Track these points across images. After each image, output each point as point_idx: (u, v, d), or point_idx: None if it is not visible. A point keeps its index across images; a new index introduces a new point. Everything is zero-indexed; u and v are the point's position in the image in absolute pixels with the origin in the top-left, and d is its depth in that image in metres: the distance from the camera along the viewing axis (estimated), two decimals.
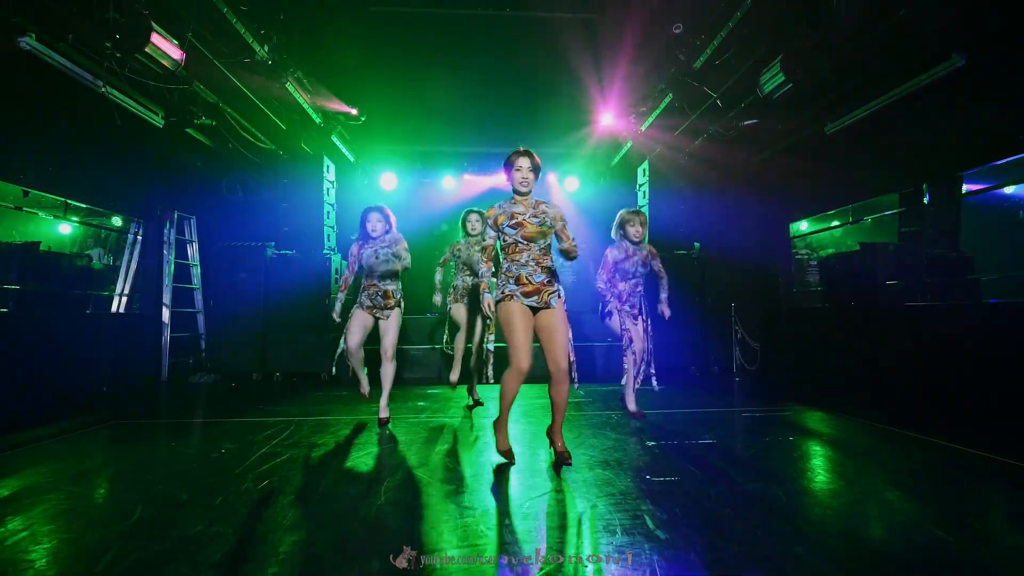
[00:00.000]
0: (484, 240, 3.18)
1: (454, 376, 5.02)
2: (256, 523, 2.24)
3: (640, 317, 4.30)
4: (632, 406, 4.25)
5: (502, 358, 3.10)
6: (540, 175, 3.15)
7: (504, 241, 3.10)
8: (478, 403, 4.94)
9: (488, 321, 4.74)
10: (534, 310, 3.05)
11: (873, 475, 2.91)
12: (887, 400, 4.86)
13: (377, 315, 4.14)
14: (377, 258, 4.08)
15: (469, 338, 5.01)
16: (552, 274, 3.07)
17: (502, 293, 3.05)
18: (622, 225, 4.17)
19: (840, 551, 1.96)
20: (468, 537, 2.07)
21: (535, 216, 3.05)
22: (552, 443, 3.15)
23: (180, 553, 1.97)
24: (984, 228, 6.55)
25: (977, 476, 2.89)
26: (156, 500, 2.52)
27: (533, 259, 3.03)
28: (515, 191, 3.10)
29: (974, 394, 4.25)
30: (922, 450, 3.39)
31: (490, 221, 3.11)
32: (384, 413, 4.15)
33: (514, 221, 3.04)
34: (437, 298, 5.09)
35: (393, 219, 4.20)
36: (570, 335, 3.09)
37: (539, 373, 3.10)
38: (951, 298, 4.91)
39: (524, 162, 3.07)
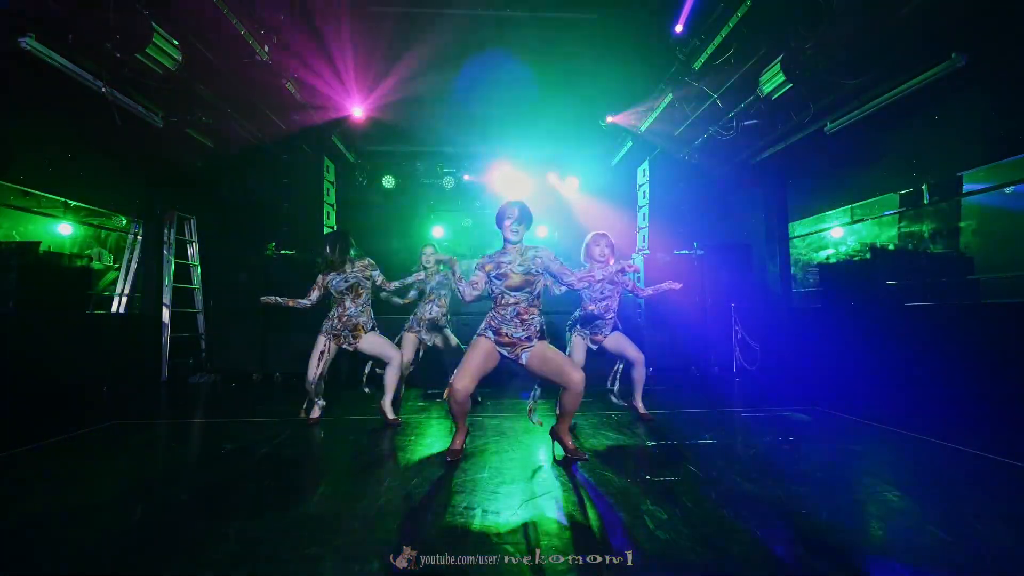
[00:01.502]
0: (472, 277, 3.13)
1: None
2: (256, 523, 2.24)
3: (617, 331, 4.17)
4: (641, 408, 4.35)
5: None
6: (531, 223, 3.16)
7: (492, 291, 3.14)
8: (475, 401, 4.97)
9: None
10: (504, 357, 3.12)
11: (873, 475, 2.91)
12: (887, 400, 4.86)
13: (343, 345, 4.08)
14: (347, 283, 4.07)
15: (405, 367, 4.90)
16: (533, 328, 3.09)
17: (481, 331, 3.13)
18: (587, 247, 4.09)
19: (840, 551, 1.96)
20: (468, 537, 2.07)
21: (521, 264, 3.07)
22: (561, 443, 3.19)
23: (180, 553, 1.97)
24: (984, 228, 6.55)
25: (977, 476, 2.89)
26: (156, 500, 2.52)
27: (518, 314, 3.07)
28: (506, 240, 3.14)
29: (974, 394, 4.25)
30: (922, 450, 3.39)
31: (479, 269, 3.13)
32: (390, 415, 4.17)
33: (500, 271, 3.08)
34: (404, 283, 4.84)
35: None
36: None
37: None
38: (951, 298, 4.91)
39: (514, 211, 3.10)
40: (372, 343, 4.12)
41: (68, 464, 3.17)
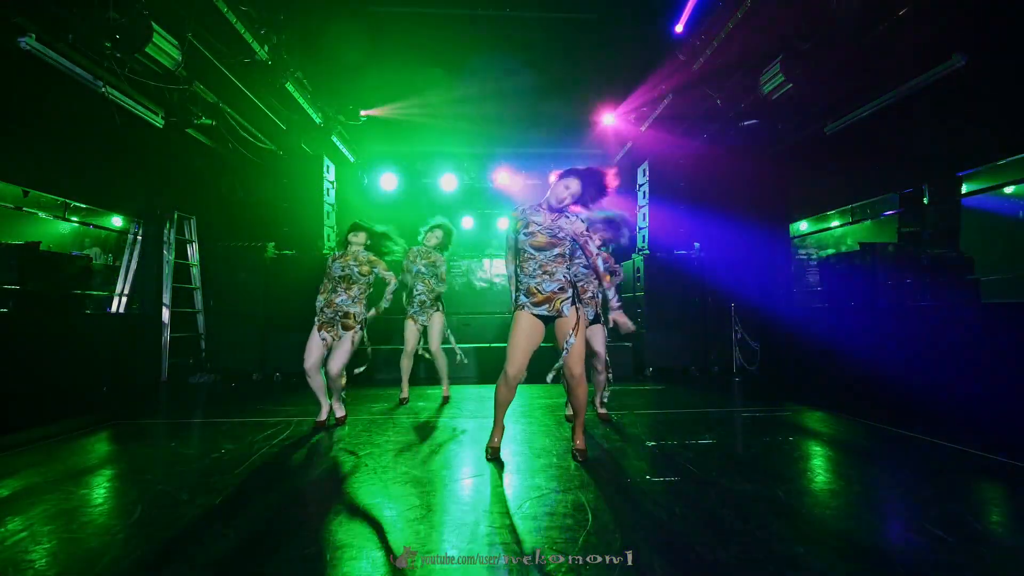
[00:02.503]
0: (506, 243, 3.25)
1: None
2: (256, 523, 2.24)
3: (598, 324, 3.99)
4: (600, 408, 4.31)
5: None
6: (595, 198, 3.12)
7: (519, 247, 3.10)
8: (445, 399, 5.25)
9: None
10: (548, 319, 3.06)
11: (873, 475, 2.91)
12: (887, 400, 4.85)
13: (332, 334, 3.93)
14: (343, 272, 3.99)
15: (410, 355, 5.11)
16: (565, 282, 3.05)
17: (516, 304, 3.10)
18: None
19: (840, 551, 1.96)
20: (468, 537, 2.07)
21: (549, 229, 3.03)
22: (574, 437, 3.24)
23: (180, 553, 1.97)
24: (984, 228, 6.55)
25: (977, 476, 2.89)
26: (156, 500, 2.52)
27: (540, 268, 3.03)
28: (549, 203, 3.07)
29: (974, 394, 4.25)
30: (922, 450, 3.39)
31: (512, 221, 3.15)
32: (340, 412, 4.15)
33: (528, 230, 3.04)
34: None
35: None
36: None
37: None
38: (951, 298, 4.91)
39: (573, 183, 3.03)
40: (347, 341, 3.91)
41: (68, 464, 3.17)
